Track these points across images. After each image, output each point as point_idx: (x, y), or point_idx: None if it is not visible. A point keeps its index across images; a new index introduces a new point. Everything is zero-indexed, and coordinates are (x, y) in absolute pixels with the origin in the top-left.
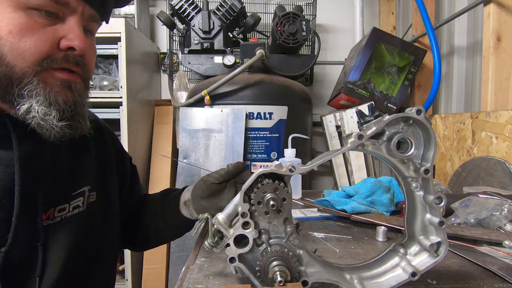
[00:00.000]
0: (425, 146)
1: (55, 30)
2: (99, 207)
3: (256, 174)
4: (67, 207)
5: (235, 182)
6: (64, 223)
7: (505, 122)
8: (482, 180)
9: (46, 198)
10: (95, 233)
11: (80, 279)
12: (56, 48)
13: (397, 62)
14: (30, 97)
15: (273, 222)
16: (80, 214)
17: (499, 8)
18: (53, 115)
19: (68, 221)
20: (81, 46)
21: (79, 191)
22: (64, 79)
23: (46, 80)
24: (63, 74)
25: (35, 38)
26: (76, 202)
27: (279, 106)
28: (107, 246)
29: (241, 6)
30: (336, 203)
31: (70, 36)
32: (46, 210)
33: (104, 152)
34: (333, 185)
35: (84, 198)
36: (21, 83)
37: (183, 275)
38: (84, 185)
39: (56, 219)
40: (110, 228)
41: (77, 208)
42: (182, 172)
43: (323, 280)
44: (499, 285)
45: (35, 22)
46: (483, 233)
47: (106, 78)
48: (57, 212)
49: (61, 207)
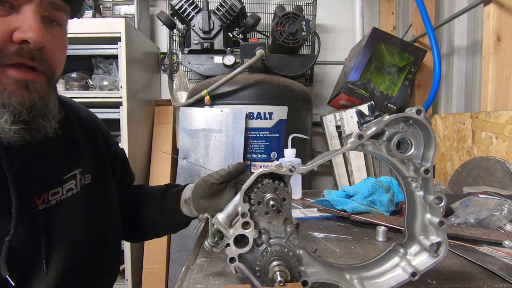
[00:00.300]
0: (425, 146)
1: (8, 21)
2: (96, 189)
3: (256, 174)
4: (60, 191)
5: (235, 183)
6: (61, 205)
7: (505, 122)
8: (482, 180)
9: (37, 183)
10: (96, 213)
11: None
12: (9, 42)
13: (397, 62)
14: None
15: (273, 222)
16: (76, 196)
17: (499, 8)
18: (5, 118)
19: (64, 203)
20: (36, 38)
21: (71, 174)
22: (19, 78)
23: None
24: (17, 72)
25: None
26: (69, 185)
27: (279, 106)
28: (109, 228)
29: (241, 6)
30: (336, 203)
31: (24, 28)
32: (39, 195)
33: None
34: (333, 185)
35: (77, 181)
36: None
37: (183, 275)
38: (75, 168)
39: (51, 203)
40: (111, 208)
41: (70, 191)
42: (182, 172)
43: (323, 280)
44: (499, 285)
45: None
46: (483, 233)
47: (106, 78)
48: (51, 196)
49: (54, 191)
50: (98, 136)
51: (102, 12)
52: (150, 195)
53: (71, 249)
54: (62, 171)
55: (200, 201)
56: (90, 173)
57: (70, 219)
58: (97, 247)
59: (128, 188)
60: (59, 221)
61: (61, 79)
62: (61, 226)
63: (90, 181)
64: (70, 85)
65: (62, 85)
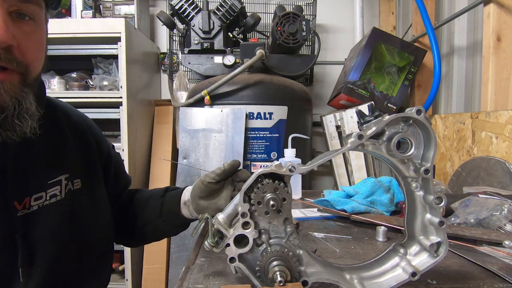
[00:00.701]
0: (425, 146)
1: None
2: (85, 194)
3: (256, 174)
4: (44, 195)
5: (232, 181)
6: (43, 211)
7: (505, 122)
8: (482, 180)
9: (18, 187)
10: (81, 220)
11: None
12: None
13: (397, 62)
14: None
15: (273, 222)
16: (59, 203)
17: (499, 8)
18: None
19: (46, 209)
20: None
21: (55, 179)
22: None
23: None
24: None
25: None
26: (53, 190)
27: (279, 106)
28: (96, 234)
29: (241, 6)
30: (336, 203)
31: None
32: (20, 199)
33: (84, 142)
34: (333, 185)
35: (61, 187)
36: None
37: (183, 275)
38: (61, 174)
39: (33, 208)
40: (100, 214)
41: (54, 197)
42: (182, 173)
43: (323, 280)
44: (499, 285)
45: None
46: (483, 233)
47: (106, 78)
48: (33, 201)
49: (37, 196)
50: (90, 140)
51: (102, 12)
52: (149, 199)
53: (52, 258)
54: (46, 175)
55: (199, 202)
56: (79, 178)
57: (52, 226)
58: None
59: (123, 191)
60: (40, 228)
61: (61, 79)
62: (42, 233)
63: (80, 186)
64: (70, 85)
65: (62, 85)
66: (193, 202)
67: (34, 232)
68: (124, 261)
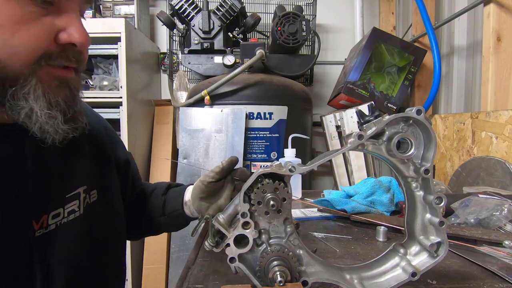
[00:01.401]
0: (425, 146)
1: (51, 21)
2: (101, 206)
3: (256, 174)
4: (62, 212)
5: (232, 179)
6: (61, 230)
7: (505, 122)
8: (482, 180)
9: (36, 204)
10: (98, 236)
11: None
12: (54, 43)
13: (397, 62)
14: (28, 100)
15: (273, 222)
16: (77, 219)
17: (499, 8)
18: (59, 118)
19: (64, 228)
20: (83, 41)
21: (74, 193)
22: (62, 77)
23: (43, 79)
24: (60, 71)
25: (30, 32)
26: (71, 206)
27: (279, 106)
28: (113, 247)
29: (241, 6)
30: (336, 203)
31: (70, 30)
32: (38, 218)
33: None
34: (333, 185)
35: (80, 201)
36: (15, 84)
37: (183, 275)
38: (79, 186)
39: (50, 227)
40: (115, 227)
41: (72, 214)
42: (182, 172)
43: (323, 280)
44: (499, 285)
45: (30, 12)
46: (483, 233)
47: (106, 78)
48: (51, 219)
49: (55, 213)
50: (106, 144)
51: (102, 12)
52: (151, 196)
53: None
54: (64, 188)
55: (200, 202)
56: (96, 188)
57: (70, 246)
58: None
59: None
60: (58, 249)
61: None
62: (59, 254)
63: (96, 199)
64: None
65: None
66: (193, 203)
67: (52, 253)
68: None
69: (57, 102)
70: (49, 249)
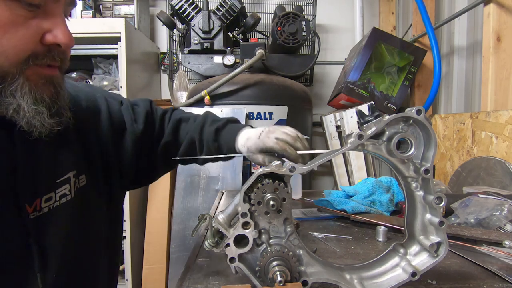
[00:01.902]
0: (425, 146)
1: (38, 23)
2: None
3: (256, 174)
4: (53, 196)
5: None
6: (54, 213)
7: (505, 122)
8: (482, 180)
9: (28, 189)
10: (91, 217)
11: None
12: (39, 44)
13: (397, 62)
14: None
15: (273, 222)
16: (69, 203)
17: (499, 8)
18: (44, 112)
19: (56, 210)
20: (67, 42)
21: (64, 177)
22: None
23: (30, 78)
24: (46, 70)
25: (19, 34)
26: (62, 190)
27: (279, 106)
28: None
29: (241, 6)
30: (336, 203)
31: (56, 32)
32: (30, 201)
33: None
34: (333, 185)
35: (70, 185)
36: (3, 82)
37: (183, 275)
38: (69, 171)
39: (43, 210)
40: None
41: (64, 197)
42: (182, 172)
43: (323, 280)
44: (499, 285)
45: (18, 15)
46: (483, 233)
47: (106, 78)
48: (44, 202)
49: (47, 197)
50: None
51: (102, 12)
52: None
53: (65, 260)
54: (55, 173)
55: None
56: (84, 173)
57: (64, 227)
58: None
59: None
60: (53, 230)
61: None
62: (54, 235)
63: (85, 183)
64: None
65: None
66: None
67: (47, 235)
68: (124, 261)
69: (43, 98)
70: (44, 230)
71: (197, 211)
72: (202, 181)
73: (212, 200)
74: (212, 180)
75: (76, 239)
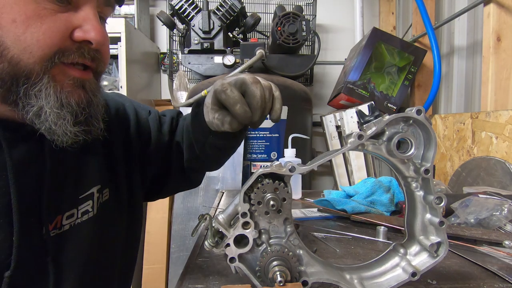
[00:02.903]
0: (425, 146)
1: (67, 18)
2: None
3: (256, 174)
4: (75, 213)
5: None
6: (74, 231)
7: (505, 122)
8: (482, 180)
9: (51, 205)
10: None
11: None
12: (69, 40)
13: (397, 62)
14: (39, 98)
15: (273, 222)
16: (91, 220)
17: (499, 8)
18: (67, 119)
19: (77, 228)
20: (99, 39)
21: (87, 193)
22: (77, 77)
23: (57, 78)
24: (75, 71)
25: (44, 28)
26: (85, 206)
27: None
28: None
29: (241, 6)
30: (336, 203)
31: (86, 27)
32: (52, 219)
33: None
34: (333, 185)
35: (93, 202)
36: (27, 81)
37: (183, 275)
38: (93, 185)
39: (64, 228)
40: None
41: (86, 214)
42: None
43: (323, 280)
44: (499, 285)
45: (44, 8)
46: (483, 233)
47: (106, 78)
48: (65, 219)
49: (69, 213)
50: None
51: None
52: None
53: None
54: (77, 189)
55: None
56: (108, 186)
57: (83, 245)
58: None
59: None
60: (71, 249)
61: None
62: (72, 254)
63: (108, 197)
64: None
65: None
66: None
67: (65, 253)
68: None
69: (69, 103)
70: (63, 249)
71: (197, 211)
72: (202, 181)
73: (212, 200)
74: (212, 180)
75: (96, 256)
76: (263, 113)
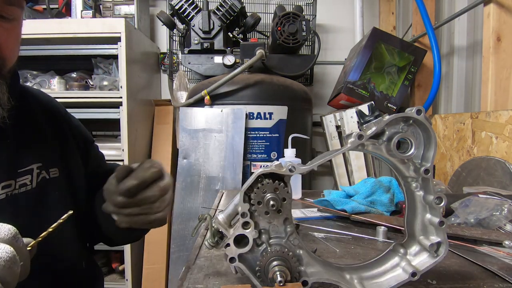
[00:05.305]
0: (425, 146)
1: None
2: (62, 183)
3: (256, 174)
4: (13, 184)
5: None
6: (11, 200)
7: (505, 122)
8: (482, 180)
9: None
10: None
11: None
12: None
13: (397, 62)
14: None
15: (273, 222)
16: (29, 192)
17: (499, 8)
18: None
19: (14, 198)
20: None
21: (26, 168)
22: None
23: None
24: None
25: None
26: (23, 179)
27: (279, 106)
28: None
29: (241, 6)
30: (336, 203)
31: None
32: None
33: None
34: (333, 185)
35: (32, 176)
36: None
37: (183, 275)
38: (33, 163)
39: (0, 196)
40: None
41: (24, 186)
42: (182, 172)
43: (323, 280)
44: (499, 285)
45: None
46: (483, 233)
47: (106, 78)
48: (1, 189)
49: (6, 184)
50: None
51: (102, 12)
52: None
53: None
54: (17, 163)
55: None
56: (57, 166)
57: (21, 215)
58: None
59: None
60: (10, 217)
61: (61, 79)
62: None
63: (57, 175)
64: (70, 85)
65: (62, 85)
66: None
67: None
68: (124, 261)
69: None
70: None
71: (197, 211)
72: (202, 181)
73: (212, 200)
74: (212, 180)
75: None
76: None
